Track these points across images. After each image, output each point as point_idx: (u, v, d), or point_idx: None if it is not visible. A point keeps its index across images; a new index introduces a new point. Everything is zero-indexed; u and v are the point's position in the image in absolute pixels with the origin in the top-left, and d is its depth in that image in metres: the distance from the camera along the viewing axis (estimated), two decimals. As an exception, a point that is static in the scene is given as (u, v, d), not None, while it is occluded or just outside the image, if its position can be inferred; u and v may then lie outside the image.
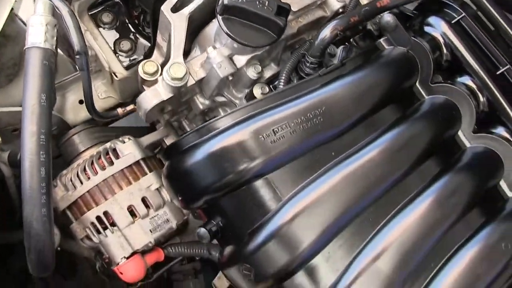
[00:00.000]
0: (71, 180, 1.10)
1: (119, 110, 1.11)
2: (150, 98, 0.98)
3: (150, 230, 1.10)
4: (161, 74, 0.95)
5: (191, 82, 1.00)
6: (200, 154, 0.90)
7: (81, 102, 1.27)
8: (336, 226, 0.88)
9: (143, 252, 1.12)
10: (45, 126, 0.90)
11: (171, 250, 1.16)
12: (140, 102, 0.99)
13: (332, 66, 0.93)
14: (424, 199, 0.91)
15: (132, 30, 1.21)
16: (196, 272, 1.36)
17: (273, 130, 0.88)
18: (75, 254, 1.34)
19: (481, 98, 1.04)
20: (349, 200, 0.88)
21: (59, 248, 1.39)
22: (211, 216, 0.94)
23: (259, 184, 0.89)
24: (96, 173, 1.09)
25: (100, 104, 1.27)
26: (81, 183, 1.09)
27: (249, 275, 0.90)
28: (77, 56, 0.93)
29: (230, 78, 1.00)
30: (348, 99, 0.91)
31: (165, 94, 0.98)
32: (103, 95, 1.27)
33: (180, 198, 0.94)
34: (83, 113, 1.25)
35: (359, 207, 0.89)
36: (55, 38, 0.93)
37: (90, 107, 1.04)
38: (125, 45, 1.19)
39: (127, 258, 1.08)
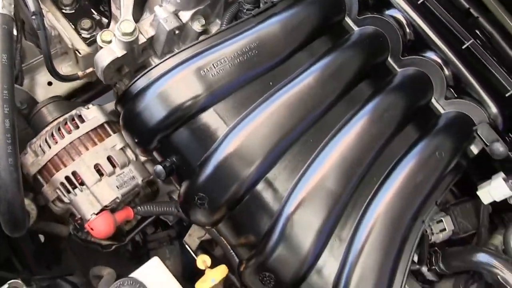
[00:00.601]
0: (40, 146, 1.18)
1: (80, 73, 1.21)
2: (105, 56, 1.08)
3: (117, 187, 1.18)
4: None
5: (142, 40, 1.11)
6: (148, 95, 0.99)
7: (49, 83, 1.37)
8: (278, 149, 0.96)
9: (114, 210, 1.20)
10: (7, 82, 0.99)
11: (140, 209, 1.24)
12: (96, 61, 1.10)
13: (263, 6, 1.04)
14: (360, 118, 0.99)
15: (92, 9, 1.32)
16: (171, 239, 1.43)
17: (212, 64, 0.97)
18: (57, 236, 1.42)
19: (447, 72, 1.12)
20: (288, 124, 0.96)
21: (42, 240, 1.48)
22: (166, 155, 1.02)
23: (205, 116, 0.98)
24: (63, 137, 1.18)
25: (68, 84, 1.37)
26: (49, 147, 1.17)
27: (204, 204, 0.98)
28: (33, 17, 1.04)
29: (177, 32, 1.10)
30: (279, 33, 1.01)
31: (119, 51, 1.09)
32: (70, 77, 1.37)
33: (136, 141, 1.03)
34: (51, 94, 1.35)
35: (298, 130, 0.97)
36: (12, 5, 1.04)
37: (50, 67, 1.14)
38: (86, 23, 1.30)
39: (97, 214, 1.15)
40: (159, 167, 1.00)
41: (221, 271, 1.04)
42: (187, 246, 1.29)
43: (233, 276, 1.15)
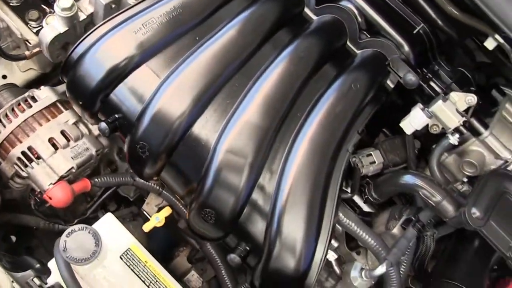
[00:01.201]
0: (-5, 128, 1.29)
1: (27, 53, 1.32)
2: (48, 32, 1.20)
3: (72, 158, 1.28)
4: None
5: (82, 16, 1.23)
6: (87, 60, 1.10)
7: (4, 77, 1.48)
8: (207, 95, 1.07)
9: (72, 182, 1.29)
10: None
11: (97, 180, 1.34)
12: (41, 39, 1.21)
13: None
14: (280, 60, 1.10)
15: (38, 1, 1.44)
16: (134, 216, 1.51)
17: (142, 25, 1.09)
18: (26, 231, 1.51)
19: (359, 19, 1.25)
20: (214, 72, 1.07)
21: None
22: (109, 113, 1.13)
23: (139, 72, 1.09)
24: (17, 116, 1.28)
25: (22, 76, 1.48)
26: (4, 126, 1.28)
27: (145, 151, 1.08)
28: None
29: (113, 6, 1.22)
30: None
31: (61, 27, 1.20)
32: (23, 68, 1.48)
33: (81, 104, 1.14)
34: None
35: (224, 76, 1.08)
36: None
37: (-4, 46, 1.25)
38: (33, 15, 1.42)
39: (54, 184, 1.25)
40: (102, 124, 1.10)
41: (165, 210, 1.13)
42: (145, 213, 1.38)
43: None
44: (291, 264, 1.06)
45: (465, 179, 1.20)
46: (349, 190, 1.15)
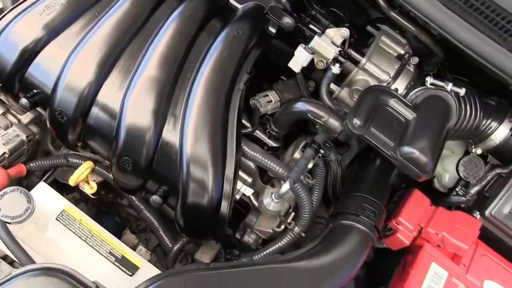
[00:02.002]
0: None
1: None
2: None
3: (3, 144, 1.42)
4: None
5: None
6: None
7: None
8: (109, 59, 1.23)
9: (7, 167, 1.43)
10: None
11: (32, 165, 1.48)
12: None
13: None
14: (170, 21, 1.28)
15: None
16: (77, 201, 1.65)
17: (45, 7, 1.26)
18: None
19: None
20: (114, 39, 1.24)
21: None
22: (28, 91, 1.28)
23: (48, 49, 1.25)
24: None
25: None
26: None
27: (63, 117, 1.24)
28: None
29: None
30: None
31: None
32: None
33: (1, 86, 1.29)
34: None
35: (124, 42, 1.25)
36: None
37: None
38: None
39: (-11, 168, 1.39)
40: (23, 100, 1.25)
41: (87, 163, 1.28)
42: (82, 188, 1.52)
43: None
44: (204, 198, 1.22)
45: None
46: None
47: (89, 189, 1.38)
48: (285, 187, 1.21)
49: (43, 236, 1.25)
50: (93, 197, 1.47)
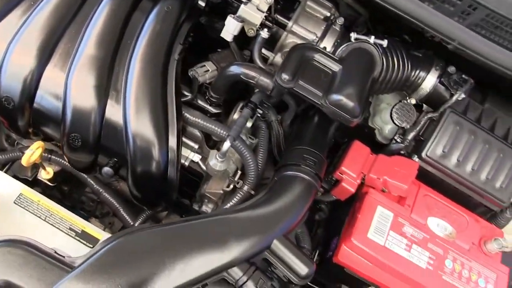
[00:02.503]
0: None
1: None
2: None
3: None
4: None
5: None
6: None
7: None
8: (49, 44, 1.32)
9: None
10: None
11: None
12: None
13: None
14: (104, 4, 1.37)
15: None
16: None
17: (-20, 0, 1.35)
18: None
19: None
20: (51, 24, 1.33)
21: None
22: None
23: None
24: None
25: None
26: None
27: (10, 103, 1.32)
28: None
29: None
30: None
31: None
32: None
33: None
34: None
35: (61, 26, 1.34)
36: None
37: None
38: None
39: None
40: None
41: (37, 143, 1.36)
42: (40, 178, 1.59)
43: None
44: (151, 166, 1.31)
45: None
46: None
47: (46, 174, 1.46)
48: (226, 144, 1.30)
49: (4, 221, 1.32)
50: (50, 184, 1.54)
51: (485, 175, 1.51)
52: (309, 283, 1.46)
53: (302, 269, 1.23)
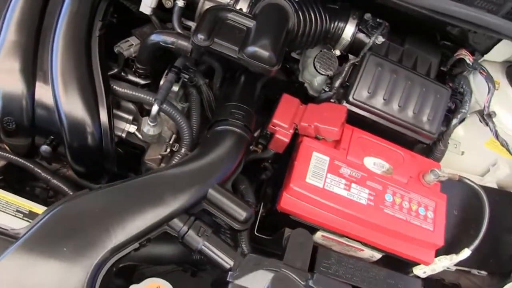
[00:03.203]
0: None
1: None
2: None
3: None
4: None
5: None
6: None
7: None
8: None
9: None
10: None
11: None
12: None
13: None
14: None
15: None
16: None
17: None
18: None
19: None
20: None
21: None
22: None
23: None
24: None
25: None
26: None
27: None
28: None
29: None
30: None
31: None
32: None
33: None
34: None
35: None
36: None
37: None
38: None
39: None
40: None
41: None
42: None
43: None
44: (86, 139, 1.39)
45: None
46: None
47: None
48: (154, 108, 1.38)
49: None
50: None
51: (412, 110, 1.61)
52: (256, 233, 1.54)
53: (240, 213, 1.31)
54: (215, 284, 1.44)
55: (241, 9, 1.52)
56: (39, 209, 1.42)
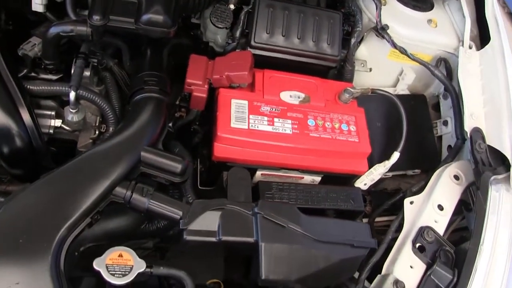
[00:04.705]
0: None
1: None
2: None
3: None
4: None
5: None
6: None
7: None
8: None
9: None
10: None
11: None
12: None
13: None
14: None
15: None
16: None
17: None
18: None
19: None
20: None
21: None
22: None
23: None
24: None
25: None
26: None
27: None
28: None
29: None
30: None
31: None
32: None
33: None
34: None
35: None
36: None
37: None
38: None
39: None
40: None
41: None
42: None
43: None
44: (15, 143, 1.48)
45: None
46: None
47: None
48: (72, 94, 1.49)
49: None
50: None
51: (311, 39, 1.77)
52: (200, 186, 1.67)
53: (176, 166, 1.43)
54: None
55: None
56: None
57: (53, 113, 1.59)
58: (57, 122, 1.58)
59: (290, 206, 1.48)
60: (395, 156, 1.78)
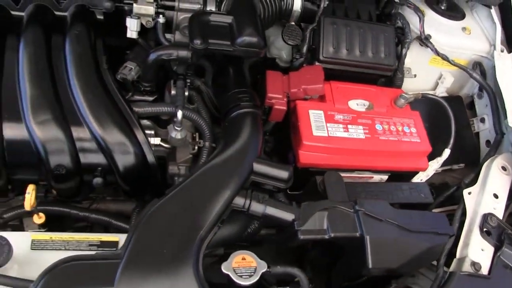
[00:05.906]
0: None
1: None
2: None
3: None
4: None
5: None
6: None
7: None
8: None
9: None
10: None
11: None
12: None
13: None
14: (22, 58, 1.64)
15: None
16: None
17: None
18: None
19: None
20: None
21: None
22: None
23: None
24: None
25: None
26: None
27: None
28: None
29: None
30: None
31: None
32: None
33: None
34: None
35: None
36: None
37: None
38: None
39: None
40: None
41: (30, 186, 1.58)
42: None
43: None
44: (132, 158, 1.60)
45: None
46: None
47: (38, 219, 1.68)
48: (179, 114, 1.64)
49: (33, 268, 1.42)
50: (42, 230, 1.76)
51: (370, 51, 1.99)
52: (288, 191, 1.85)
53: (283, 174, 1.61)
54: (280, 239, 1.73)
55: (211, 9, 1.81)
56: (108, 236, 1.61)
57: (152, 132, 1.73)
58: (157, 140, 1.72)
59: (382, 202, 1.68)
60: (446, 152, 2.02)
